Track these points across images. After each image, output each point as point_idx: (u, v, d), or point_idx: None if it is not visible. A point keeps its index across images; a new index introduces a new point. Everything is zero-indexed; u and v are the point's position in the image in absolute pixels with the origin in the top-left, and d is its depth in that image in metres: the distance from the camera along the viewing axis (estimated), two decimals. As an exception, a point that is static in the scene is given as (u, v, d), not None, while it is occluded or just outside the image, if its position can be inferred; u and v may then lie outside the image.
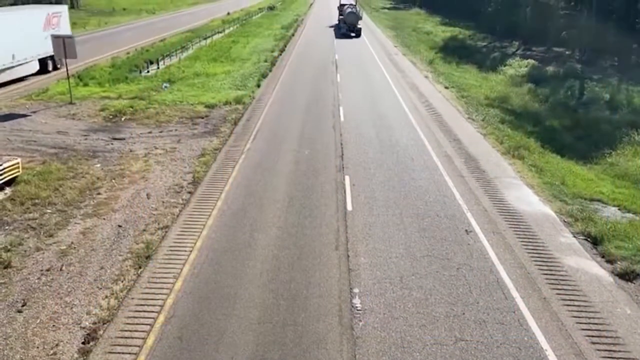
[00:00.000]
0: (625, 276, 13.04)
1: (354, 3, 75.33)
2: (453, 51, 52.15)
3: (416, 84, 36.28)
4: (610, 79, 40.77)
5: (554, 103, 32.28)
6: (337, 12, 74.77)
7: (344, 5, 70.62)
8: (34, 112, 26.32)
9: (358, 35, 62.16)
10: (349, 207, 16.51)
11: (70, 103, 28.09)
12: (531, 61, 46.89)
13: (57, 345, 10.23)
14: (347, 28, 63.25)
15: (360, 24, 63.66)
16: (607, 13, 48.94)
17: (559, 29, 57.91)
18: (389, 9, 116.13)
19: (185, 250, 13.71)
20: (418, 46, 56.10)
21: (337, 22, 70.91)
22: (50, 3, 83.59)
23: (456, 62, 46.51)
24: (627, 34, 46.98)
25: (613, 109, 31.16)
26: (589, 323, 11.17)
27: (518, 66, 44.80)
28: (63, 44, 27.06)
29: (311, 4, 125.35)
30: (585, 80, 39.01)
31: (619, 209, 17.07)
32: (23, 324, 10.76)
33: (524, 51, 55.98)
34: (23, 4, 77.02)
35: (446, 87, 35.58)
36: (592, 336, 10.76)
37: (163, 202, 16.55)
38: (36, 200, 16.20)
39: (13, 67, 31.72)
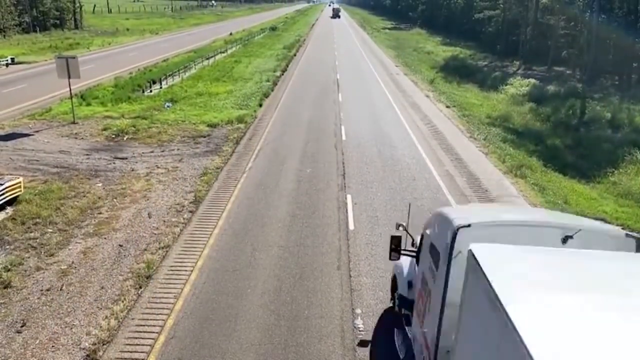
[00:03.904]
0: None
1: (338, 7, 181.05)
2: (454, 70, 52.45)
3: (417, 103, 36.41)
4: (612, 98, 40.88)
5: (556, 122, 32.33)
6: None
7: (334, 8, 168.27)
8: (37, 131, 26.42)
9: (339, 17, 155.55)
10: (351, 227, 16.45)
11: (73, 122, 28.20)
12: (532, 80, 47.09)
13: (55, 366, 10.12)
14: (334, 15, 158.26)
15: (340, 14, 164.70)
16: (608, 33, 49.26)
17: (560, 48, 58.28)
18: (390, 29, 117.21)
19: (186, 270, 13.63)
20: (419, 66, 56.48)
21: (331, 15, 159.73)
22: (54, 26, 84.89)
23: (457, 82, 46.75)
24: (627, 53, 47.23)
25: (615, 127, 31.18)
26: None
27: (519, 85, 44.97)
28: (67, 64, 27.25)
29: (313, 25, 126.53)
30: (586, 99, 39.11)
31: (622, 229, 16.95)
32: (22, 345, 10.65)
33: (525, 70, 56.29)
34: (34, 26, 78.00)
35: (447, 106, 35.69)
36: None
37: (164, 221, 16.51)
38: (37, 220, 16.16)
39: None
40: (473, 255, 6.38)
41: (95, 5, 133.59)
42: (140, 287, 12.75)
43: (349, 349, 10.70)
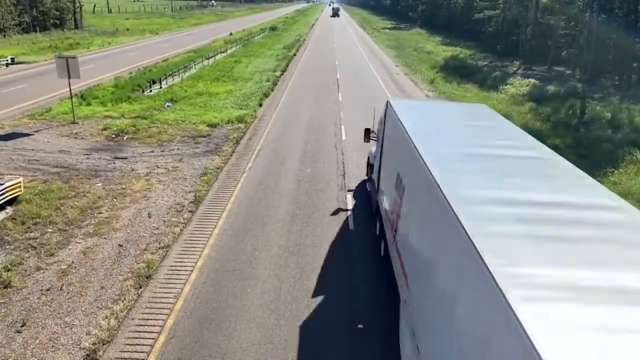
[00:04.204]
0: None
1: (337, 6, 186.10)
2: (454, 70, 52.41)
3: (418, 103, 36.36)
4: (612, 98, 40.81)
5: (556, 122, 32.29)
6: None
7: (334, 8, 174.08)
8: (37, 131, 26.42)
9: (338, 16, 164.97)
10: (351, 227, 16.45)
11: (73, 122, 28.20)
12: (532, 80, 47.03)
13: (55, 366, 10.11)
14: (334, 14, 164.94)
15: (339, 13, 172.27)
16: (608, 33, 49.23)
17: (560, 48, 58.26)
18: (390, 29, 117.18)
19: (186, 270, 13.63)
20: (419, 66, 56.46)
21: (331, 14, 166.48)
22: (54, 26, 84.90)
23: (457, 82, 46.71)
24: (627, 53, 47.21)
25: (614, 127, 31.12)
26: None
27: (519, 85, 44.90)
28: (67, 64, 27.25)
29: (313, 25, 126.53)
30: (586, 99, 39.05)
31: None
32: (22, 345, 10.65)
33: (525, 70, 56.24)
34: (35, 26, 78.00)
35: (447, 106, 35.63)
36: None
37: (164, 221, 16.51)
38: (37, 220, 16.17)
39: None
40: (390, 104, 14.73)
41: (95, 5, 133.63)
42: (140, 287, 12.76)
43: (351, 350, 10.70)
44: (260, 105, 34.53)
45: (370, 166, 18.76)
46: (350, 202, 18.35)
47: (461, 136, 11.40)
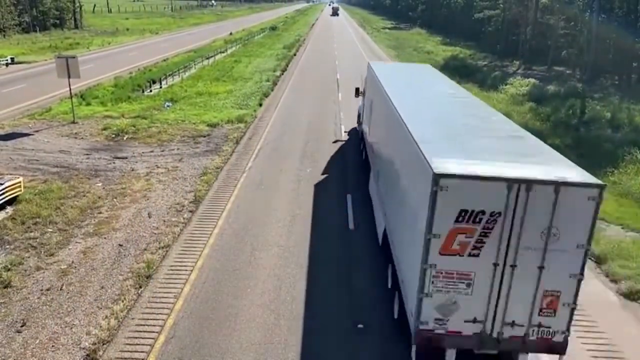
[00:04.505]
0: (630, 295, 12.95)
1: (337, 6, 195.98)
2: (454, 70, 52.27)
3: (417, 103, 36.31)
4: (612, 98, 40.81)
5: (556, 122, 32.30)
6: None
7: (334, 7, 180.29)
8: (37, 131, 26.41)
9: (337, 15, 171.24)
10: (351, 226, 16.46)
11: (73, 122, 28.20)
12: (532, 80, 46.99)
13: (55, 366, 10.11)
14: (334, 13, 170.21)
15: (339, 12, 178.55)
16: (608, 32, 49.25)
17: (560, 48, 58.27)
18: (390, 29, 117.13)
19: (186, 270, 13.63)
20: (419, 65, 56.37)
21: (331, 14, 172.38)
22: (54, 25, 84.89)
23: (457, 81, 46.33)
24: (627, 53, 47.22)
25: (614, 127, 31.12)
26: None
27: (519, 85, 44.86)
28: (66, 64, 27.23)
29: (313, 25, 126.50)
30: (586, 99, 39.04)
31: (622, 228, 16.99)
32: (22, 345, 10.65)
33: (525, 70, 56.25)
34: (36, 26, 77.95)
35: (447, 106, 35.59)
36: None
37: (164, 221, 16.51)
38: (37, 219, 16.16)
39: None
40: (370, 65, 22.36)
41: (95, 5, 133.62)
42: (140, 287, 12.75)
43: (350, 349, 10.70)
44: (260, 105, 34.53)
45: (359, 115, 25.86)
46: (350, 202, 18.35)
47: (409, 78, 19.89)
